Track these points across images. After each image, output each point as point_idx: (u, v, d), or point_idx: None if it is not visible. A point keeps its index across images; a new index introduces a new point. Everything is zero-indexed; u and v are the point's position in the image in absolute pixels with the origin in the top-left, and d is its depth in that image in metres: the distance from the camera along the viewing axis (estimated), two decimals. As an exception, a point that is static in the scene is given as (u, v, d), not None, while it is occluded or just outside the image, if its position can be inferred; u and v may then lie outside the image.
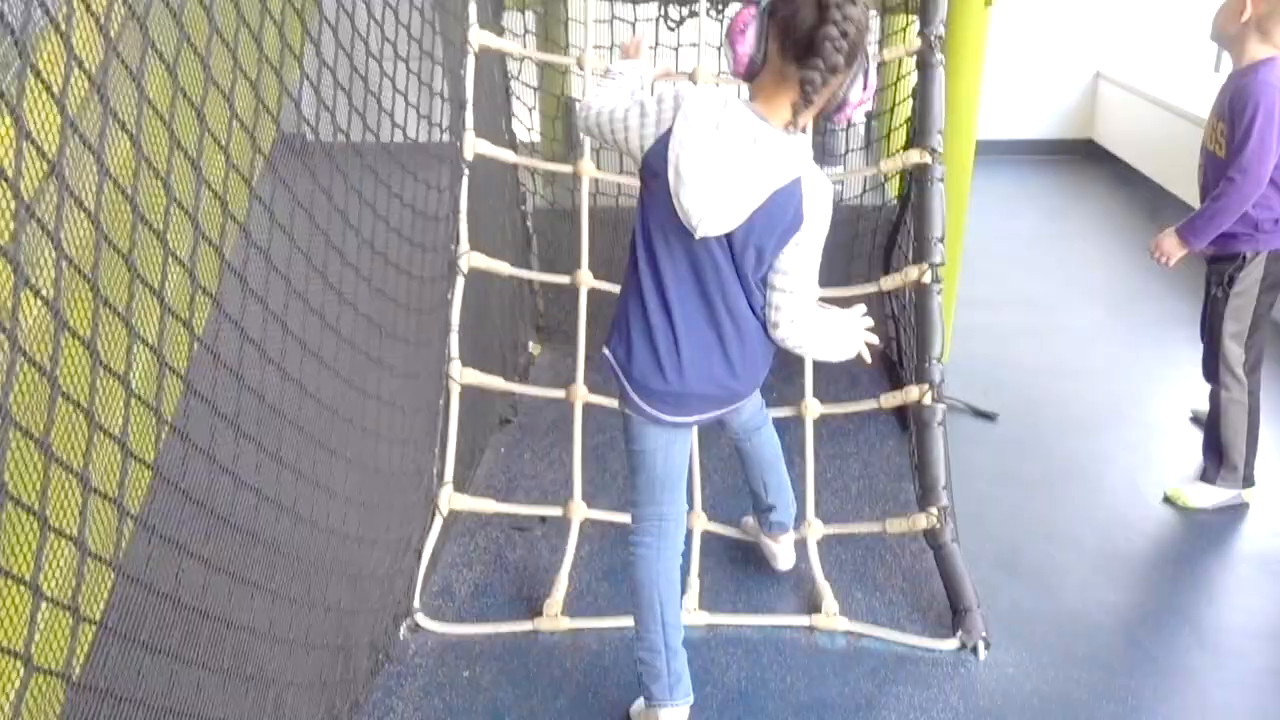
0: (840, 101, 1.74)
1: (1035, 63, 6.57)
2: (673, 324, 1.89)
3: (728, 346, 1.91)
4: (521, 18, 3.34)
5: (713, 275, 1.84)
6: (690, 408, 1.99)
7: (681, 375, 1.91)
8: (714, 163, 1.74)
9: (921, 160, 2.68)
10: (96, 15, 1.33)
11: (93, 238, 1.33)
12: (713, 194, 1.74)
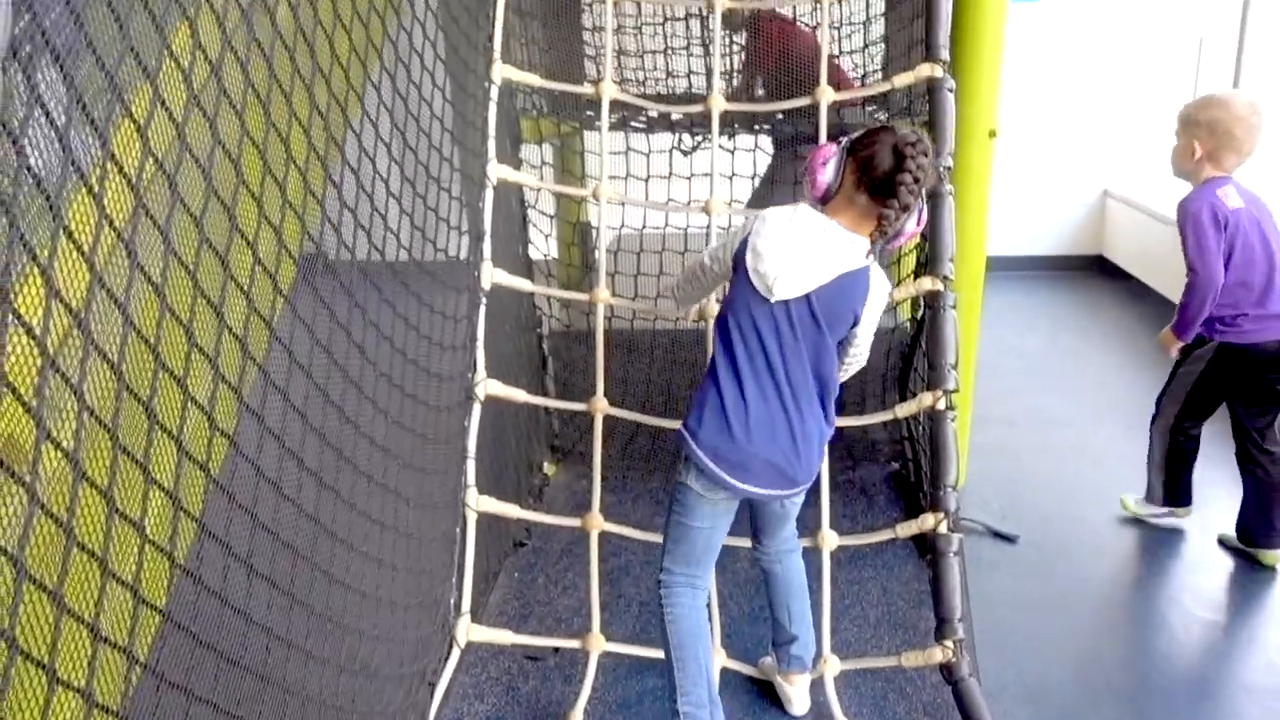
0: (897, 231, 2.07)
1: (1044, 180, 6.69)
2: (744, 393, 2.10)
3: (790, 417, 2.12)
4: (539, 150, 3.44)
5: (784, 344, 2.09)
6: (752, 473, 2.13)
7: (749, 436, 2.10)
8: (788, 238, 2.08)
9: (934, 288, 2.71)
10: (128, 175, 1.39)
11: (114, 387, 1.36)
12: (787, 260, 2.06)
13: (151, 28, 1.48)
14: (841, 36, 3.57)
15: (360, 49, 2.17)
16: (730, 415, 2.11)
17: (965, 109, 3.07)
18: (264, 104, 1.75)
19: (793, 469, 2.16)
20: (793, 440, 2.14)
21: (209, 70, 1.63)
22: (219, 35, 1.66)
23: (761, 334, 2.10)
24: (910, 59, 3.10)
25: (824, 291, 2.06)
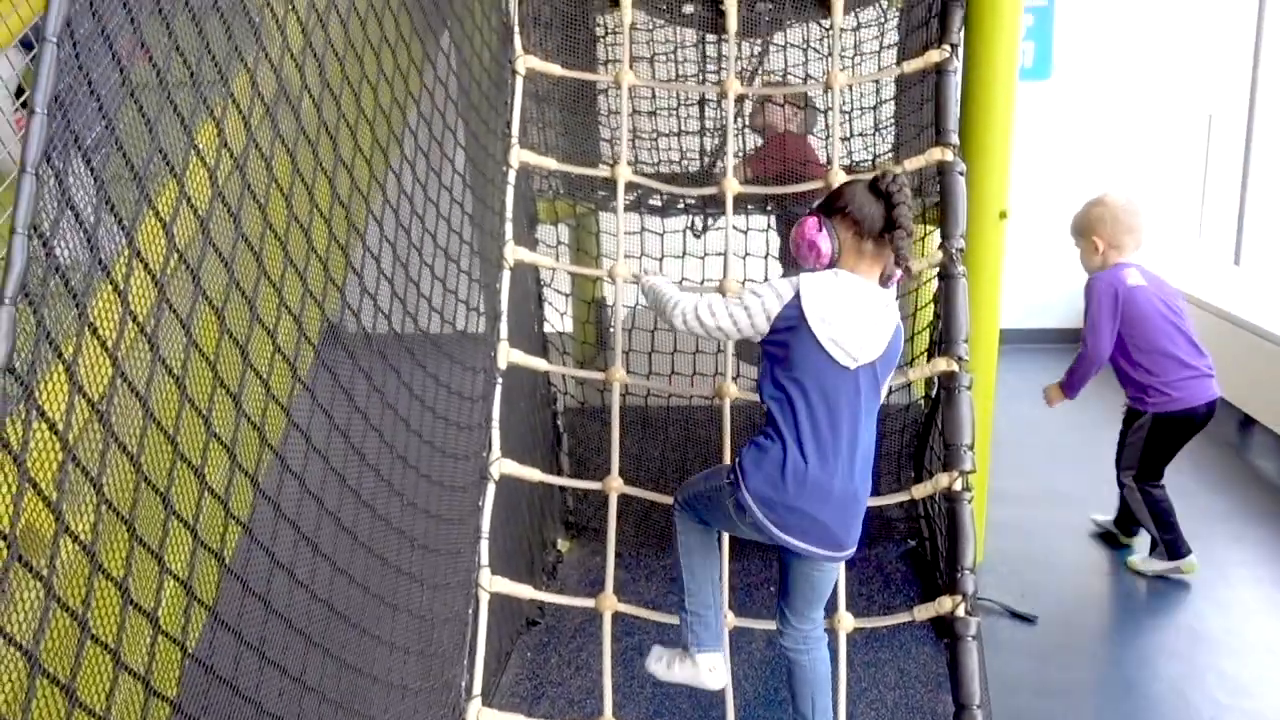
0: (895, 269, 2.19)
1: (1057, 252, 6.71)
2: (804, 454, 2.15)
3: (848, 481, 2.19)
4: (555, 230, 3.50)
5: (854, 408, 2.17)
6: (802, 530, 2.18)
7: (804, 495, 2.15)
8: (851, 303, 2.16)
9: (949, 368, 2.72)
10: (152, 270, 1.42)
11: (133, 479, 1.38)
12: (859, 325, 2.16)
13: (178, 126, 1.54)
14: (852, 118, 3.63)
15: (382, 140, 2.23)
16: (788, 474, 2.15)
17: (976, 191, 3.11)
18: (287, 196, 1.80)
19: (843, 532, 2.23)
20: (846, 504, 2.21)
21: (233, 163, 1.68)
22: (243, 130, 1.72)
23: (832, 398, 2.16)
24: (921, 142, 3.15)
25: (887, 348, 2.21)
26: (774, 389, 2.21)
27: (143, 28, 1.42)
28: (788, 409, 2.17)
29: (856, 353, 2.16)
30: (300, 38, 1.91)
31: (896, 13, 3.47)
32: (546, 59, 3.21)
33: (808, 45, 3.45)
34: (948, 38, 3.02)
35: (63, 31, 1.23)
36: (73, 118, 1.27)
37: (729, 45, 3.21)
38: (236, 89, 1.71)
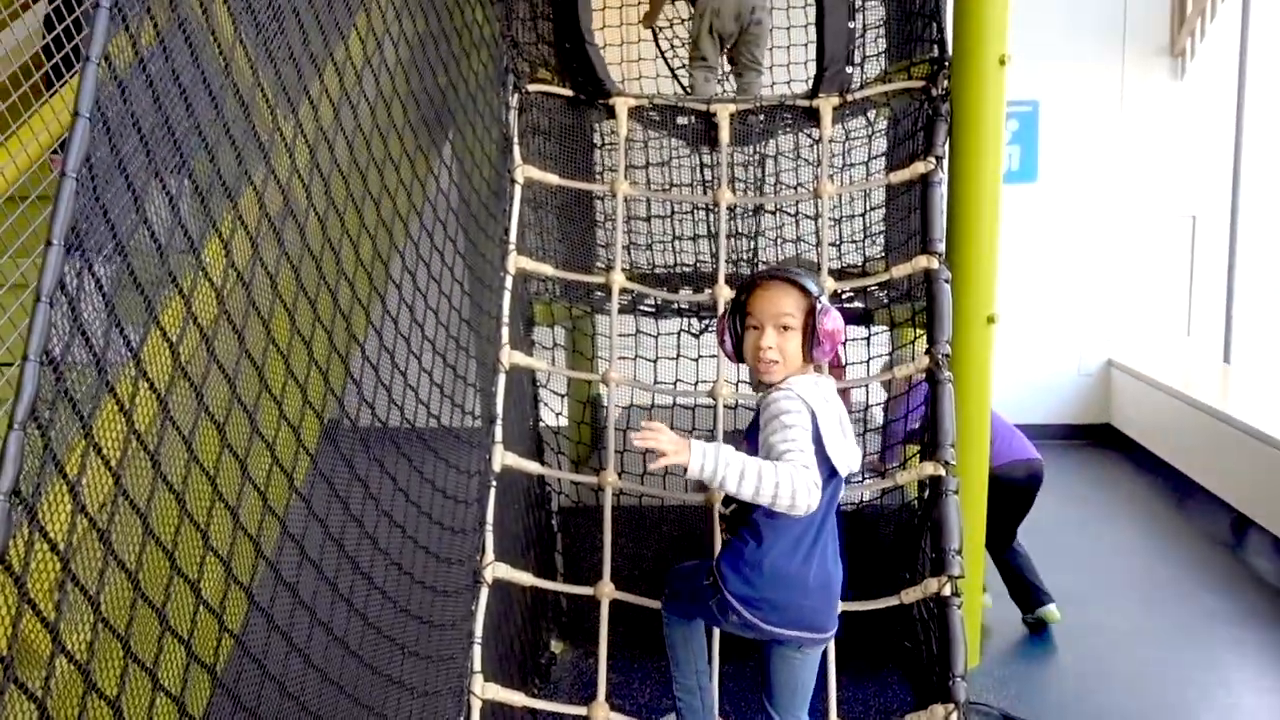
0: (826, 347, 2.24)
1: (1050, 350, 6.80)
2: (783, 547, 2.18)
3: (825, 570, 2.24)
4: (551, 332, 3.56)
5: (829, 505, 2.23)
6: (780, 614, 2.21)
7: (782, 588, 2.18)
8: (844, 421, 2.23)
9: (935, 472, 2.75)
10: (157, 388, 1.47)
11: (130, 595, 1.40)
12: (851, 443, 2.24)
13: (187, 247, 1.60)
14: (843, 224, 3.72)
15: (384, 252, 2.30)
16: (767, 572, 2.18)
17: (965, 296, 3.18)
18: (290, 311, 1.85)
19: (823, 616, 2.26)
20: (822, 590, 2.24)
21: (238, 279, 1.73)
22: (249, 246, 1.78)
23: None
24: (910, 248, 3.23)
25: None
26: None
27: (157, 156, 1.49)
28: (776, 515, 2.13)
29: (851, 464, 2.22)
30: (307, 156, 1.99)
31: (884, 124, 3.59)
32: (544, 168, 3.32)
33: (798, 155, 3.56)
34: (933, 150, 3.13)
35: (81, 168, 1.30)
36: (88, 246, 1.32)
37: (721, 156, 3.32)
38: (244, 205, 1.78)
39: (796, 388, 2.15)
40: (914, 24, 3.40)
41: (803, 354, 2.19)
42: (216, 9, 1.71)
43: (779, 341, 2.18)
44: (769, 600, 2.19)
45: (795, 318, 2.18)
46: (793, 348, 2.18)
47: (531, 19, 3.45)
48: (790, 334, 2.18)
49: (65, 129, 1.79)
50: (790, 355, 2.18)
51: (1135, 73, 6.50)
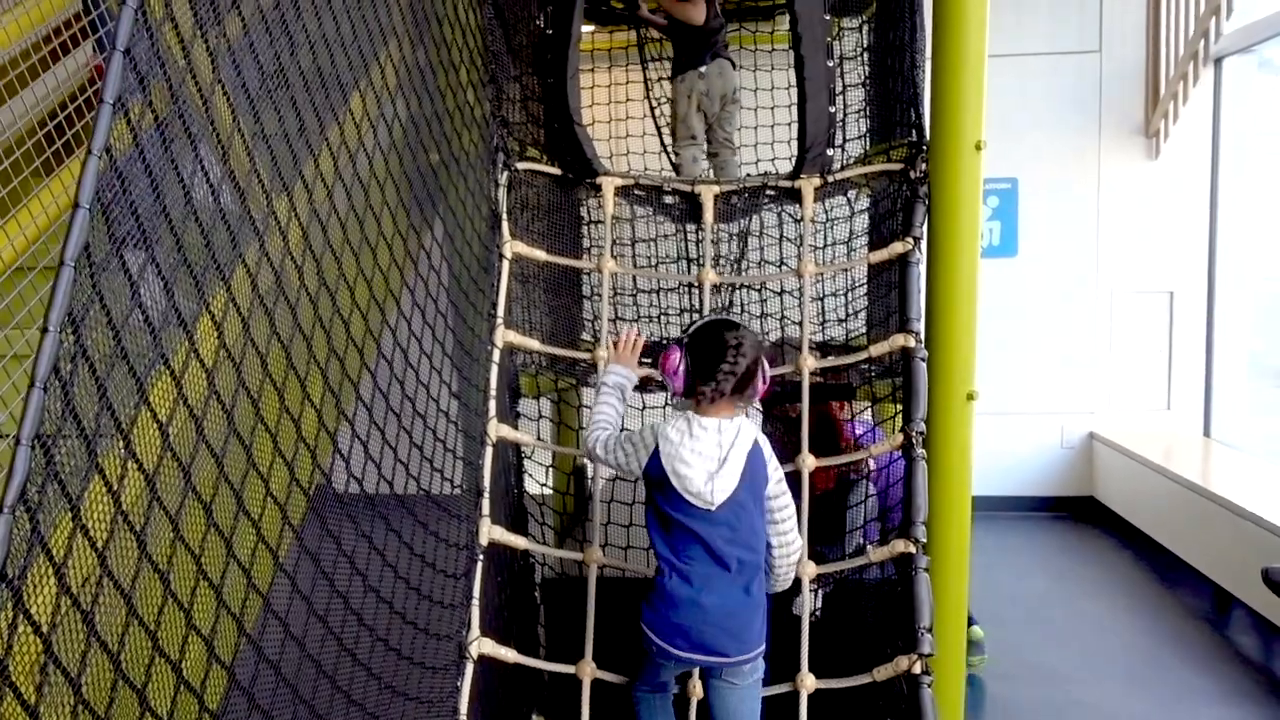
0: (751, 394, 2.49)
1: (1033, 422, 6.86)
2: (679, 574, 2.38)
3: (732, 596, 2.39)
4: (537, 404, 3.59)
5: (724, 536, 2.38)
6: (683, 641, 2.39)
7: (688, 615, 2.37)
8: (705, 459, 2.39)
9: (906, 550, 2.78)
10: (146, 471, 1.49)
11: (112, 677, 1.40)
12: (714, 479, 2.37)
13: (180, 328, 1.64)
14: (825, 300, 3.79)
15: (375, 328, 2.34)
16: (669, 597, 2.38)
17: (943, 374, 3.22)
18: (279, 390, 1.88)
19: (726, 640, 2.40)
20: (724, 617, 2.39)
21: (229, 358, 1.77)
22: (240, 327, 1.82)
23: (702, 531, 2.38)
24: (889, 325, 3.29)
25: (744, 475, 2.40)
26: (651, 526, 2.48)
27: (154, 242, 1.53)
28: (665, 544, 2.42)
29: (711, 499, 2.38)
30: (300, 237, 2.04)
31: (865, 204, 3.67)
32: (532, 244, 3.38)
33: (781, 234, 3.64)
34: (910, 231, 3.20)
35: (80, 258, 1.34)
36: (83, 333, 1.36)
37: (705, 235, 3.39)
38: (236, 284, 1.83)
39: (675, 420, 2.46)
40: (893, 109, 3.50)
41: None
42: (216, 99, 1.77)
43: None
44: (672, 624, 2.39)
45: None
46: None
47: (522, 100, 3.54)
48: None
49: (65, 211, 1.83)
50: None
51: (1111, 151, 6.67)
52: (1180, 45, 6.17)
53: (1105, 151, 6.67)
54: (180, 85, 1.65)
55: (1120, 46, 6.61)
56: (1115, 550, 6.21)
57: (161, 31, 1.60)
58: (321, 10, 2.21)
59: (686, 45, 4.34)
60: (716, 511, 2.38)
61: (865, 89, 3.77)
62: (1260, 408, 6.81)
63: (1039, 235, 6.74)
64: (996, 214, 6.71)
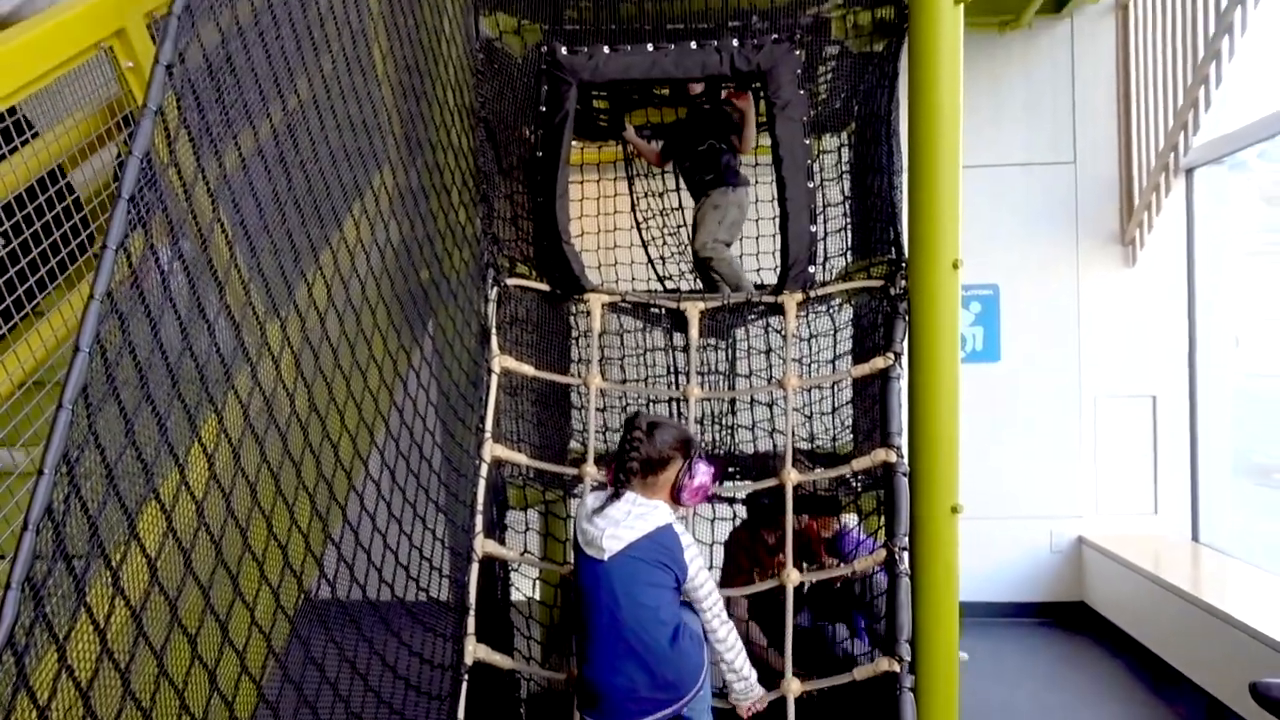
0: (678, 489, 2.68)
1: (1022, 527, 6.85)
2: (597, 638, 2.57)
3: (632, 650, 2.54)
4: (524, 515, 3.60)
5: (621, 592, 2.54)
6: (605, 702, 2.54)
7: (598, 672, 2.54)
8: (606, 519, 2.59)
9: (890, 669, 2.78)
10: (132, 606, 1.51)
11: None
12: (608, 531, 2.57)
13: (186, 425, 1.67)
14: (811, 412, 3.84)
15: (364, 450, 2.37)
16: (589, 656, 2.57)
17: (927, 487, 3.25)
18: (267, 517, 1.91)
19: (644, 693, 2.53)
20: (635, 668, 2.53)
21: (218, 489, 1.80)
22: (230, 456, 1.85)
23: (601, 597, 2.56)
24: (873, 439, 3.34)
25: (640, 542, 2.57)
26: (574, 622, 2.71)
27: (152, 380, 1.58)
28: (580, 632, 2.62)
29: (603, 546, 2.56)
30: (292, 364, 2.08)
31: (847, 318, 3.75)
32: (521, 358, 3.44)
33: (767, 349, 3.71)
34: (891, 346, 3.27)
35: (77, 399, 1.38)
36: (77, 472, 1.39)
37: (691, 351, 3.46)
38: (227, 409, 1.86)
39: (597, 489, 2.77)
40: (872, 227, 3.61)
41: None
42: (216, 236, 1.84)
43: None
44: (589, 680, 2.56)
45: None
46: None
47: (513, 218, 3.64)
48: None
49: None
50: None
51: (1089, 259, 6.81)
52: (1152, 157, 6.37)
53: (1083, 259, 6.82)
54: (181, 225, 1.71)
55: (1094, 158, 6.82)
56: (1107, 658, 6.14)
57: (165, 176, 1.67)
58: (318, 143, 2.29)
59: (686, 176, 4.41)
60: (610, 564, 2.54)
61: (845, 208, 3.89)
62: (1247, 507, 6.83)
63: (1021, 341, 6.84)
64: (979, 320, 6.83)
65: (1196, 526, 6.67)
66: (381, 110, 2.70)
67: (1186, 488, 6.77)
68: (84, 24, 1.88)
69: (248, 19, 2.06)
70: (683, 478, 2.68)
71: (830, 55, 3.61)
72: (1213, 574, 6.04)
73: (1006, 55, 6.72)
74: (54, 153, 1.93)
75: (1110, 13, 6.76)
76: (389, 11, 2.78)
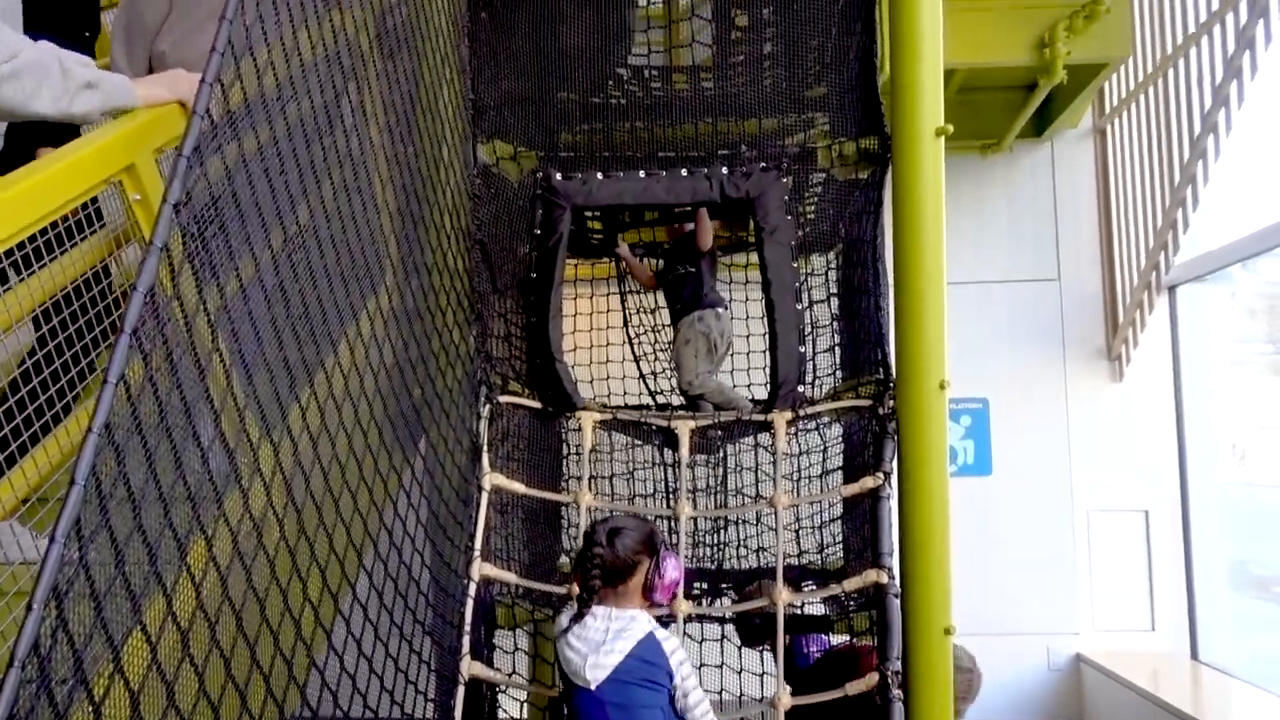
0: (650, 589, 2.67)
1: (1019, 645, 6.76)
2: None
3: None
4: (513, 635, 3.57)
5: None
6: None
7: None
8: (585, 642, 2.59)
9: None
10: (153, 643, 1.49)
11: None
12: (590, 657, 2.56)
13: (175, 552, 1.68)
14: (804, 528, 3.84)
15: (351, 574, 2.37)
16: None
17: (919, 609, 3.23)
18: (251, 646, 1.90)
19: None
20: None
21: (204, 621, 1.79)
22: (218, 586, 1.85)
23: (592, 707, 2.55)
24: (864, 559, 3.33)
25: (626, 660, 2.54)
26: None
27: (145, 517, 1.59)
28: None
29: (588, 676, 2.54)
30: (283, 491, 2.10)
31: (837, 436, 3.78)
32: (511, 475, 3.46)
33: (757, 467, 3.73)
34: (881, 465, 3.30)
35: (70, 534, 1.40)
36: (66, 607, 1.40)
37: (681, 470, 3.48)
38: (216, 543, 1.87)
39: (570, 608, 2.73)
40: (860, 347, 3.67)
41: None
42: (214, 365, 1.88)
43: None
44: None
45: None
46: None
47: (506, 336, 3.70)
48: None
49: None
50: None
51: (1077, 374, 6.90)
52: (1134, 275, 6.51)
53: (1071, 373, 6.90)
54: (181, 357, 1.75)
55: (1078, 275, 6.96)
56: (1111, 781, 6.00)
57: (169, 309, 1.72)
58: (317, 272, 2.36)
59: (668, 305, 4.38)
60: (599, 691, 2.52)
61: (834, 327, 3.96)
62: (1245, 622, 6.75)
63: (1013, 454, 6.86)
64: (969, 433, 6.86)
65: (1195, 644, 6.60)
66: (380, 237, 2.78)
67: (1183, 604, 6.71)
68: (97, 161, 1.96)
69: (253, 152, 2.15)
70: (653, 578, 2.67)
71: (817, 182, 3.73)
72: (1213, 695, 5.96)
73: (989, 177, 6.93)
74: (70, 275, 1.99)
75: (1088, 137, 7.00)
76: (390, 143, 2.89)
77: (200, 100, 1.84)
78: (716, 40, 3.82)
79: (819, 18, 3.68)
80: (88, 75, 2.06)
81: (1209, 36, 5.35)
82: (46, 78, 1.96)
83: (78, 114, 2.06)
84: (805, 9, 3.67)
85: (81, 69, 2.06)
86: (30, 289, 1.92)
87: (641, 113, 3.74)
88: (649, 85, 3.87)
